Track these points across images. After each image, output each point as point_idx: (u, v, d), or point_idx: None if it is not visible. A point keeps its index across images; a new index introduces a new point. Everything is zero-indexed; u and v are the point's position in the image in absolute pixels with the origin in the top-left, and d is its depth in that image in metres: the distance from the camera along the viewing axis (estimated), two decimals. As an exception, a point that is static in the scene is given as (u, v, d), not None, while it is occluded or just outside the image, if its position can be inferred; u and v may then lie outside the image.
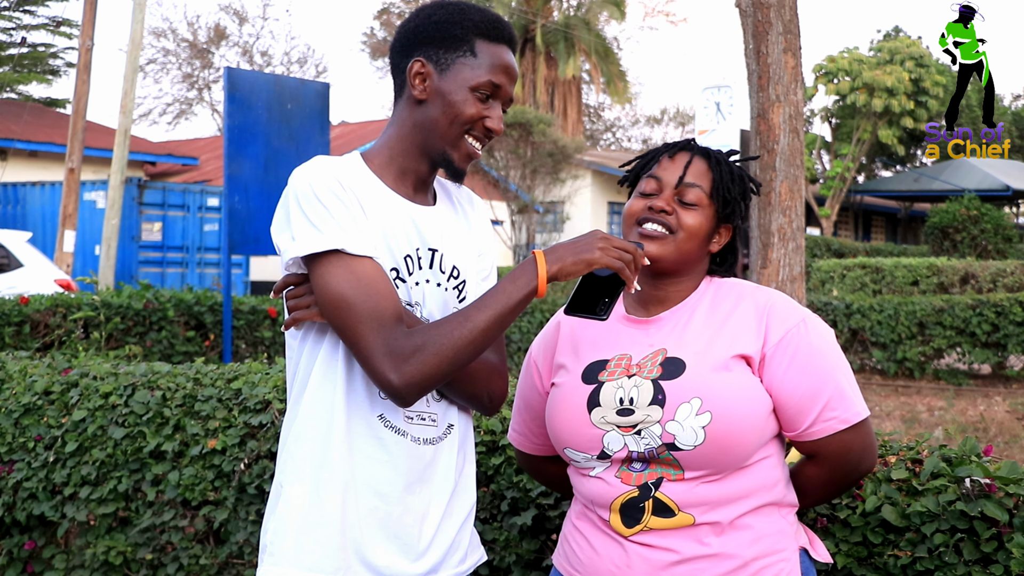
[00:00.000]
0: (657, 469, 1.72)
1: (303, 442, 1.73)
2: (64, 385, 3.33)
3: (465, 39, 1.76)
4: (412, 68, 1.77)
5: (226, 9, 43.63)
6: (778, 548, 1.75)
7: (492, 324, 1.64)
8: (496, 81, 1.76)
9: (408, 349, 1.61)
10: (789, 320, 1.77)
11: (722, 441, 1.68)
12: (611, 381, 1.78)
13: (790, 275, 4.50)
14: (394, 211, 1.75)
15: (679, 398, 1.70)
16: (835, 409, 1.75)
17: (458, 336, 1.62)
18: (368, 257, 1.66)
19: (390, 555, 1.72)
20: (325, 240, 1.64)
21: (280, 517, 1.73)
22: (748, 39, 4.62)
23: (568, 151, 23.40)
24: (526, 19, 30.96)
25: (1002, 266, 13.96)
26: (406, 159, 1.79)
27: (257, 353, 7.71)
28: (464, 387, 1.80)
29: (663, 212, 1.81)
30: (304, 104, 8.33)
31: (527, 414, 1.99)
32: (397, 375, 1.60)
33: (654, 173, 1.86)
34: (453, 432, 1.83)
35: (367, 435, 1.72)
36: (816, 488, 1.86)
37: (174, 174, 23.96)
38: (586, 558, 1.80)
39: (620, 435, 1.74)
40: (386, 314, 1.63)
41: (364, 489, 1.71)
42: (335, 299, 1.64)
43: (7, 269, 10.68)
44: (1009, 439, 7.41)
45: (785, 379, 1.74)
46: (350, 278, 1.64)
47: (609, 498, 1.76)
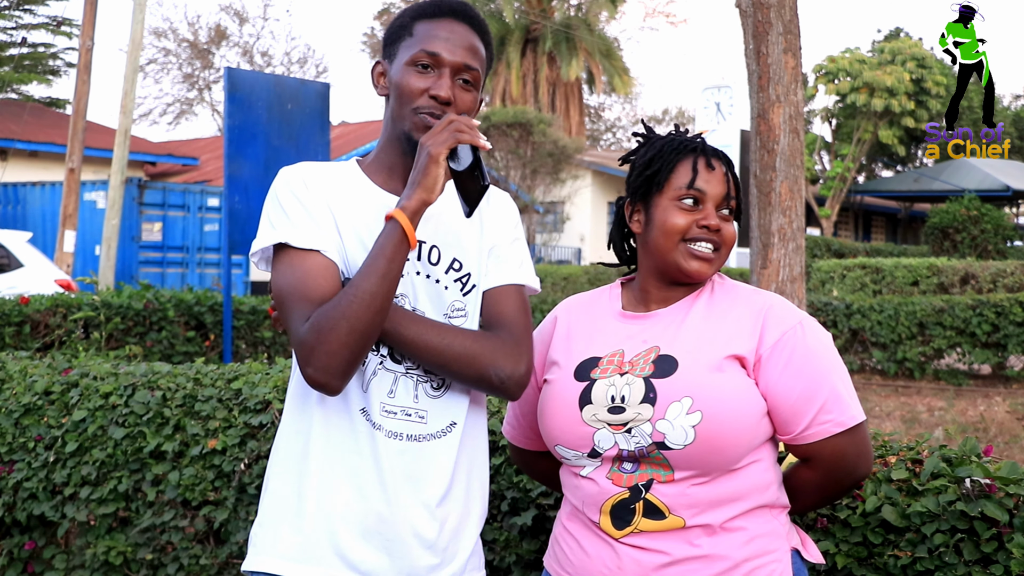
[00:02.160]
0: (648, 470, 1.72)
1: (288, 437, 1.77)
2: (64, 385, 3.33)
3: (405, 26, 1.81)
4: (374, 71, 1.86)
5: (226, 9, 43.71)
6: (770, 549, 1.74)
7: (376, 284, 1.62)
8: (429, 49, 1.75)
9: (310, 339, 1.61)
10: (786, 322, 1.76)
11: (712, 441, 1.67)
12: (603, 379, 1.77)
13: (790, 275, 4.50)
14: (372, 206, 1.77)
15: (670, 397, 1.70)
16: (830, 412, 1.73)
17: (346, 306, 1.61)
18: (314, 251, 1.68)
19: (366, 550, 1.71)
20: (274, 235, 1.70)
21: (263, 510, 1.78)
22: (748, 39, 4.62)
23: (568, 151, 23.42)
24: (527, 20, 30.96)
25: (1002, 266, 13.96)
26: (388, 155, 1.84)
27: (257, 353, 7.71)
28: (466, 371, 1.72)
29: (717, 231, 1.79)
30: (304, 104, 8.33)
31: (520, 408, 1.98)
32: (310, 367, 1.61)
33: (697, 185, 1.79)
34: (454, 431, 1.78)
35: (347, 430, 1.72)
36: (810, 492, 1.84)
37: (174, 174, 23.97)
38: (577, 560, 1.79)
39: (611, 433, 1.73)
40: (307, 306, 1.64)
41: (341, 483, 1.72)
42: (275, 292, 1.69)
43: (7, 269, 10.69)
44: (1009, 439, 7.41)
45: (780, 381, 1.73)
46: (287, 271, 1.68)
47: (600, 500, 1.75)
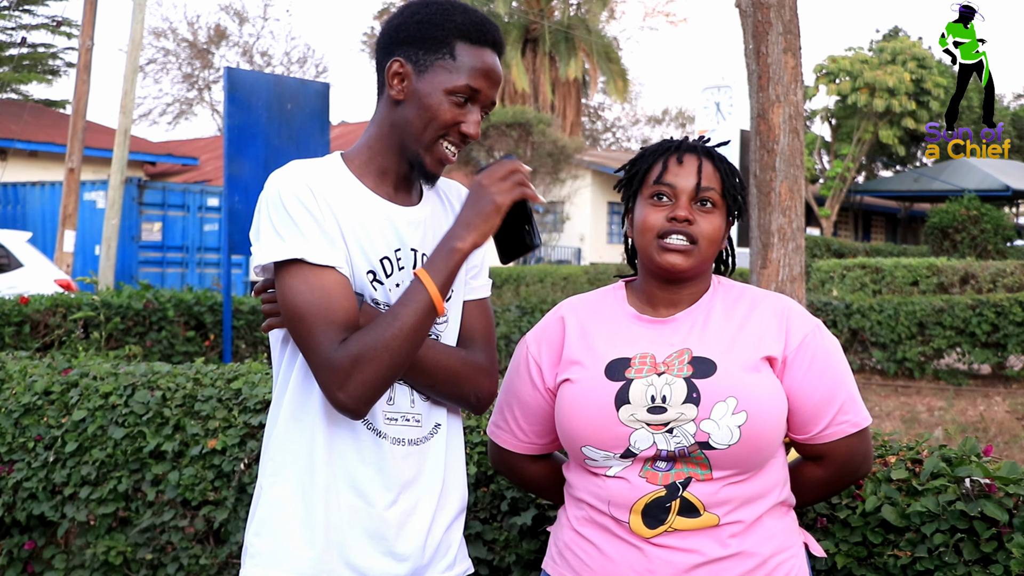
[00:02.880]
0: (684, 468, 1.70)
1: (285, 444, 1.72)
2: (64, 385, 3.33)
3: (445, 41, 1.70)
4: (391, 68, 1.72)
5: (226, 9, 43.69)
6: (789, 544, 1.77)
7: (422, 319, 1.61)
8: (474, 85, 1.70)
9: (347, 363, 1.58)
10: (806, 325, 1.79)
11: (756, 440, 1.68)
12: (640, 378, 1.74)
13: (790, 275, 4.50)
14: (371, 213, 1.73)
15: (715, 397, 1.69)
16: (847, 413, 1.78)
17: (390, 337, 1.59)
18: (330, 267, 1.64)
19: (374, 557, 1.71)
20: (286, 249, 1.63)
21: (261, 519, 1.73)
22: (748, 39, 4.62)
23: (568, 151, 23.42)
24: (527, 19, 30.95)
25: (1002, 266, 13.95)
26: (385, 159, 1.76)
27: (257, 353, 7.71)
28: (448, 389, 1.77)
29: (686, 222, 1.76)
30: (304, 104, 8.32)
31: (518, 410, 1.92)
32: (343, 393, 1.59)
33: (665, 180, 1.78)
34: (440, 432, 1.80)
35: (350, 438, 1.71)
36: (815, 489, 1.88)
37: (174, 174, 23.98)
38: (598, 565, 1.75)
39: (649, 433, 1.71)
40: (335, 328, 1.61)
41: (347, 491, 1.70)
42: (290, 309, 1.63)
43: (7, 269, 10.69)
44: (1009, 439, 7.41)
45: (804, 382, 1.76)
46: (305, 289, 1.62)
47: (631, 499, 1.72)
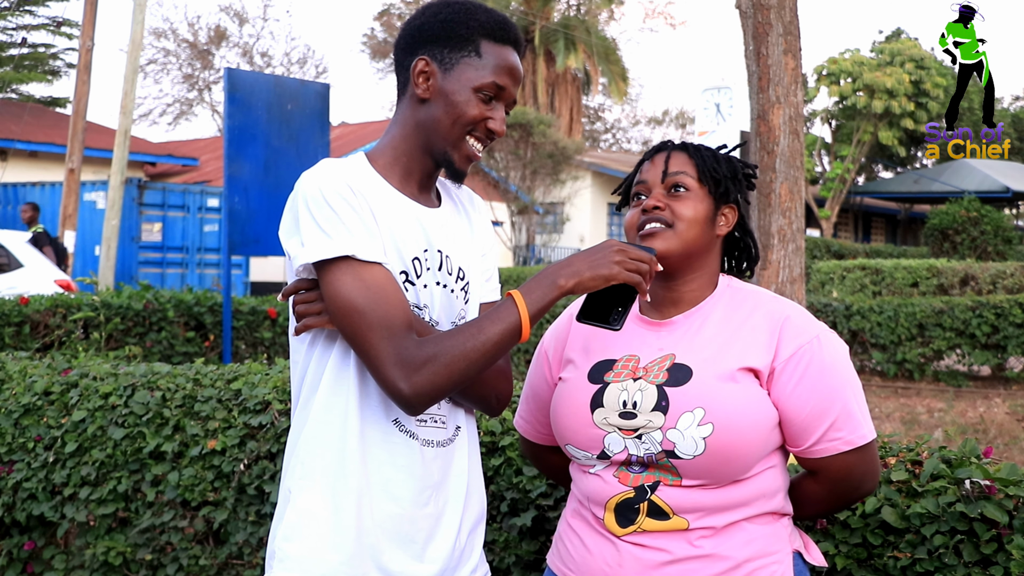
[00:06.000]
0: (656, 473, 1.71)
1: (315, 448, 1.70)
2: (64, 385, 3.33)
3: (470, 39, 1.74)
4: (416, 66, 1.74)
5: (226, 10, 43.53)
6: (771, 550, 1.73)
7: (505, 337, 1.62)
8: (500, 83, 1.74)
9: (420, 359, 1.59)
10: (803, 335, 1.74)
11: (722, 453, 1.66)
12: (616, 383, 1.76)
13: (790, 276, 4.50)
14: (402, 213, 1.74)
15: (682, 406, 1.69)
16: (841, 430, 1.72)
17: (471, 348, 1.60)
18: (378, 263, 1.64)
19: (406, 560, 1.71)
20: (335, 246, 1.62)
21: (291, 524, 1.70)
22: (748, 41, 4.62)
23: (568, 152, 23.42)
24: (526, 20, 30.96)
25: (1002, 268, 13.95)
26: (411, 159, 1.77)
27: (257, 354, 7.71)
28: (475, 390, 1.78)
29: (656, 209, 1.80)
30: (304, 105, 8.32)
31: (534, 403, 1.98)
32: (408, 385, 1.59)
33: (638, 180, 1.86)
34: (461, 434, 1.82)
35: (382, 441, 1.70)
36: (814, 503, 1.85)
37: (174, 174, 23.97)
38: (579, 557, 1.79)
39: (621, 438, 1.73)
40: (396, 322, 1.61)
41: (380, 495, 1.70)
42: (345, 306, 1.62)
43: (7, 269, 10.68)
44: (1009, 441, 7.41)
45: (793, 395, 1.72)
46: (360, 285, 1.62)
47: (605, 496, 1.75)
